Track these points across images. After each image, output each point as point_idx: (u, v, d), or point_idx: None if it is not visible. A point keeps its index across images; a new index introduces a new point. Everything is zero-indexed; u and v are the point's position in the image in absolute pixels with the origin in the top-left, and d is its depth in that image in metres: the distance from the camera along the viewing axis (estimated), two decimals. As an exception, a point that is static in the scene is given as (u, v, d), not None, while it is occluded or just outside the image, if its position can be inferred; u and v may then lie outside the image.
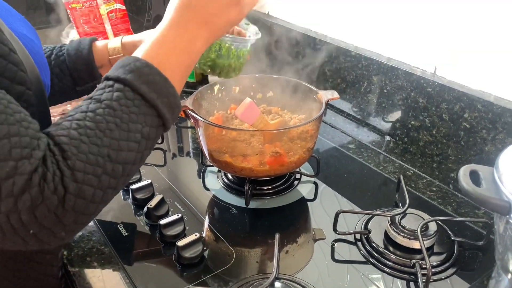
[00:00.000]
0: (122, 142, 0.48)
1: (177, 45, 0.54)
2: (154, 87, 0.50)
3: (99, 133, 0.47)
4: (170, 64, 0.53)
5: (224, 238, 0.76)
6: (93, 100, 0.49)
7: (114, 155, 0.47)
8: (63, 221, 0.45)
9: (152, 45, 0.54)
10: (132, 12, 1.94)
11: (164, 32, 0.55)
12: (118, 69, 0.51)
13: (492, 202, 0.56)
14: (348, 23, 1.07)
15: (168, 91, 0.52)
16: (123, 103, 0.49)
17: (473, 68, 0.84)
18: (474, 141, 0.85)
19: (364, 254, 0.73)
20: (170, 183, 0.90)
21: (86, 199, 0.46)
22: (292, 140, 0.83)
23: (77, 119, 0.48)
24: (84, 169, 0.45)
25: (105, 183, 0.47)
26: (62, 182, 0.44)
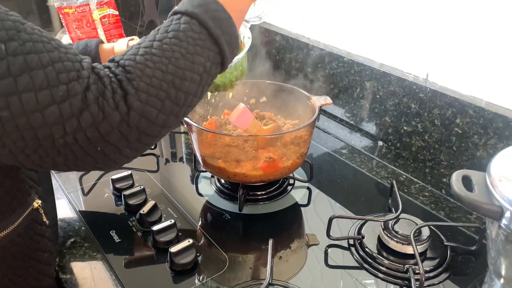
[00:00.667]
0: (186, 71, 0.49)
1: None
2: (220, 23, 0.52)
3: (165, 60, 0.48)
4: (232, 5, 0.54)
5: (218, 244, 0.76)
6: (160, 31, 0.51)
7: (177, 83, 0.48)
8: (128, 137, 0.46)
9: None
10: (125, 18, 1.94)
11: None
12: (185, 3, 0.52)
13: (484, 207, 0.57)
14: (341, 29, 1.07)
15: (231, 29, 0.53)
16: (189, 34, 0.50)
17: (465, 73, 0.85)
18: (466, 146, 0.85)
19: (358, 259, 0.73)
20: (163, 188, 0.90)
21: (150, 120, 0.47)
22: (286, 146, 0.83)
23: (144, 46, 0.49)
24: (148, 90, 0.46)
25: (168, 108, 0.48)
26: (124, 99, 0.45)
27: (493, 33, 0.79)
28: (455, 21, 0.84)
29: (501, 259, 0.61)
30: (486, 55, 0.81)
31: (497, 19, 0.78)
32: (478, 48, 0.82)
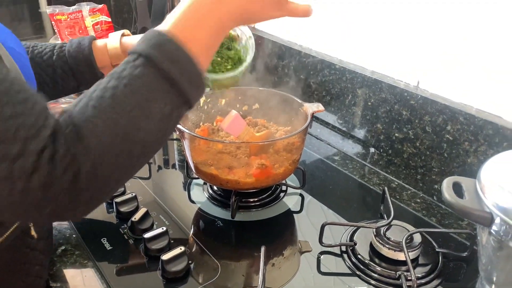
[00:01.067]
0: (141, 122, 0.46)
1: (206, 18, 0.52)
2: (178, 64, 0.48)
3: (117, 111, 0.45)
4: (197, 39, 0.51)
5: (210, 251, 0.75)
6: (114, 77, 0.47)
7: (132, 135, 0.45)
8: (77, 199, 0.44)
9: (180, 17, 0.51)
10: (118, 25, 1.94)
11: (196, 3, 0.52)
12: (141, 43, 0.49)
13: (475, 213, 0.57)
14: (333, 36, 1.08)
15: (192, 69, 0.49)
16: (144, 80, 0.47)
17: (455, 81, 0.86)
18: (457, 153, 0.86)
19: (350, 266, 0.73)
20: (155, 196, 0.90)
21: (102, 179, 0.44)
22: (278, 152, 0.83)
23: (96, 96, 0.46)
24: (99, 149, 0.44)
25: (122, 164, 0.46)
26: (74, 161, 0.42)
27: (483, 41, 0.80)
28: (446, 28, 0.85)
29: (492, 265, 0.61)
30: (476, 62, 0.82)
31: (487, 27, 0.79)
32: (469, 56, 0.83)
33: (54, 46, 0.78)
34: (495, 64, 0.79)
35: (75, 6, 1.37)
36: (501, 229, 0.56)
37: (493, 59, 0.79)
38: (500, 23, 0.77)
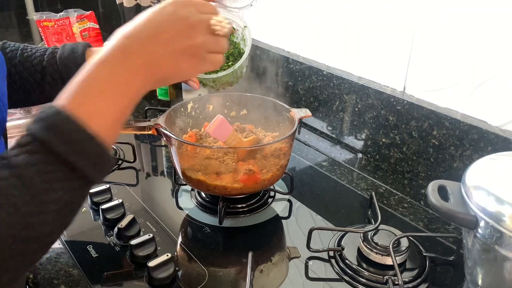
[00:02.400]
0: (35, 217, 0.40)
1: (110, 87, 0.46)
2: (77, 147, 0.42)
3: (6, 210, 0.39)
4: (101, 113, 0.45)
5: (197, 257, 0.75)
6: (6, 164, 0.41)
7: (25, 234, 0.40)
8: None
9: (80, 87, 0.45)
10: (106, 32, 1.94)
11: (95, 70, 0.46)
12: (37, 123, 0.42)
13: (460, 216, 0.57)
14: (320, 43, 1.09)
15: (94, 150, 0.43)
16: (39, 168, 0.41)
17: (441, 86, 0.87)
18: (443, 157, 0.87)
19: (338, 271, 0.73)
20: (142, 202, 0.89)
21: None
22: (266, 158, 0.83)
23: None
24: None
25: (13, 265, 0.40)
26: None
27: (468, 46, 0.81)
28: (431, 34, 0.86)
29: (477, 269, 0.61)
30: (462, 68, 0.83)
31: (472, 33, 0.80)
32: (454, 61, 0.84)
33: (45, 50, 0.74)
34: (480, 69, 0.80)
35: (63, 13, 1.37)
36: (486, 232, 0.56)
37: (478, 65, 0.80)
38: (485, 26, 0.78)
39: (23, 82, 0.73)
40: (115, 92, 0.46)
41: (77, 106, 0.44)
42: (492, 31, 0.77)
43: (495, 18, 0.76)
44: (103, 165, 0.45)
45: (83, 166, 0.43)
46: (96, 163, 0.44)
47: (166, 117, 0.85)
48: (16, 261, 0.41)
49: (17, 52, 0.74)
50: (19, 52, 0.74)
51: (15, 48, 0.74)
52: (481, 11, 0.78)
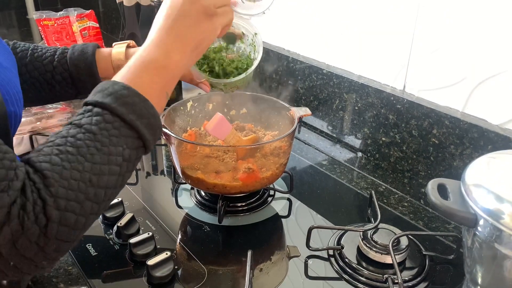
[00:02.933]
0: (103, 166, 0.47)
1: (153, 62, 0.55)
2: (133, 108, 0.50)
3: (80, 158, 0.46)
4: (148, 83, 0.53)
5: (196, 256, 0.75)
6: (73, 125, 0.49)
7: (96, 180, 0.47)
8: (45, 250, 0.44)
9: (130, 67, 0.54)
10: (106, 31, 1.94)
11: (140, 53, 0.56)
12: (96, 94, 0.50)
13: (459, 214, 0.57)
14: (320, 41, 1.09)
15: (148, 111, 0.51)
16: (102, 126, 0.48)
17: (441, 85, 0.87)
18: (443, 156, 0.87)
19: (337, 270, 0.73)
20: (142, 201, 0.89)
21: (69, 226, 0.45)
22: (265, 156, 0.83)
23: (58, 144, 0.47)
24: (67, 195, 0.44)
25: (87, 209, 0.46)
26: (44, 211, 0.43)
27: (468, 45, 0.81)
28: (431, 33, 0.86)
29: (477, 267, 0.61)
30: (462, 66, 0.83)
31: (472, 31, 0.80)
32: (454, 60, 0.84)
33: (55, 50, 0.76)
34: (480, 68, 0.80)
35: (63, 12, 1.36)
36: (485, 230, 0.56)
37: (478, 63, 0.80)
38: (485, 25, 0.78)
39: (34, 82, 0.75)
40: (157, 66, 0.55)
41: (129, 80, 0.52)
42: (492, 29, 0.77)
43: (494, 17, 0.76)
44: (155, 128, 0.52)
45: (140, 125, 0.50)
46: (150, 124, 0.51)
47: (166, 115, 0.85)
48: (89, 206, 0.46)
49: (27, 52, 0.75)
50: (29, 52, 0.75)
51: (25, 48, 0.76)
52: (480, 10, 0.77)
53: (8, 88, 0.54)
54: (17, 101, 0.56)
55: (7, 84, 0.54)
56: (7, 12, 2.10)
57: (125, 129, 0.50)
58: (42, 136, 1.03)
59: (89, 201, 0.46)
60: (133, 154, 0.51)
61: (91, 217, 0.48)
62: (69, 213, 0.45)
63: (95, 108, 0.50)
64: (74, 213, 0.45)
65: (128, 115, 0.49)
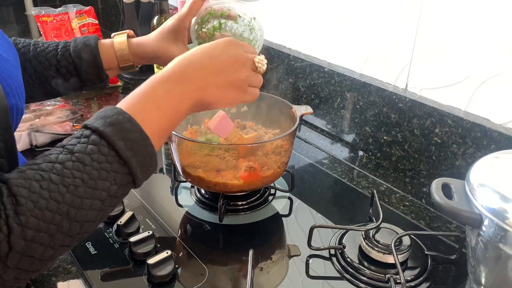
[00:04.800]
0: (85, 200, 0.45)
1: (166, 101, 0.53)
2: (132, 144, 0.48)
3: (62, 188, 0.44)
4: (154, 121, 0.52)
5: (197, 255, 0.74)
6: (65, 150, 0.47)
7: (73, 213, 0.44)
8: (3, 277, 0.42)
9: (140, 98, 0.52)
10: (106, 27, 1.93)
11: (155, 86, 0.54)
12: (98, 119, 0.48)
13: (464, 215, 0.57)
14: (321, 40, 1.08)
15: (146, 150, 0.49)
16: (95, 158, 0.46)
17: (443, 83, 0.86)
18: (445, 155, 0.86)
19: (339, 269, 0.73)
20: (142, 200, 0.88)
21: (34, 257, 0.43)
22: (267, 155, 0.83)
23: (43, 169, 0.45)
24: (37, 226, 0.42)
25: (58, 241, 0.44)
26: (8, 239, 0.41)
27: (471, 43, 0.81)
28: (434, 31, 0.86)
29: (481, 267, 0.61)
30: (465, 65, 0.82)
31: (476, 30, 0.79)
32: (457, 59, 0.83)
33: (57, 44, 0.76)
34: (483, 67, 0.80)
35: (62, 8, 1.35)
36: (490, 230, 0.55)
37: (481, 62, 0.80)
38: (489, 24, 0.77)
39: (38, 76, 0.75)
40: (168, 107, 0.54)
41: (135, 113, 0.50)
42: (495, 28, 0.76)
43: (497, 15, 0.75)
44: (148, 167, 0.51)
45: (133, 163, 0.48)
46: (144, 163, 0.49)
47: (166, 113, 0.84)
48: (59, 239, 0.44)
49: (29, 48, 0.75)
50: (31, 47, 0.75)
51: (26, 44, 0.76)
52: (483, 9, 0.77)
53: (9, 80, 0.53)
54: (18, 94, 0.55)
55: (8, 76, 0.53)
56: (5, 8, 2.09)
57: (118, 164, 0.47)
58: (41, 133, 1.02)
59: (62, 234, 0.44)
60: (119, 190, 0.49)
61: (61, 249, 0.45)
62: (36, 244, 0.42)
63: (92, 135, 0.47)
64: (42, 245, 0.43)
65: (125, 151, 0.47)
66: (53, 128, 1.04)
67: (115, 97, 1.35)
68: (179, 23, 0.76)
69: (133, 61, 0.78)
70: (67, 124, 1.07)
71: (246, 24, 0.76)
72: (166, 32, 0.77)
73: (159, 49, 0.77)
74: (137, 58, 0.78)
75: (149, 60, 0.80)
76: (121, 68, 0.79)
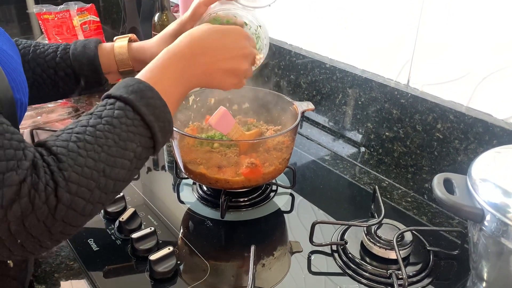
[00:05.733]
0: (117, 158, 0.49)
1: (179, 75, 0.58)
2: (154, 110, 0.52)
3: (97, 147, 0.48)
4: (170, 91, 0.56)
5: (199, 251, 0.74)
6: (94, 116, 0.51)
7: (108, 171, 0.49)
8: (51, 230, 0.45)
9: (157, 70, 0.57)
10: (107, 25, 1.93)
11: (172, 60, 0.58)
12: (120, 88, 0.53)
13: (466, 209, 0.57)
14: (323, 36, 1.08)
15: (165, 116, 0.54)
16: (123, 121, 0.50)
17: (445, 79, 0.86)
18: (447, 151, 0.86)
19: (341, 265, 0.73)
20: (144, 196, 0.88)
21: (77, 211, 0.46)
22: (268, 151, 0.83)
23: (77, 132, 0.49)
24: (79, 181, 0.46)
25: (96, 197, 0.48)
26: (55, 192, 0.45)
27: (473, 39, 0.80)
28: (436, 26, 0.85)
29: (483, 262, 0.61)
30: (467, 60, 0.82)
31: (478, 25, 0.79)
32: (459, 54, 0.83)
33: (57, 47, 0.76)
34: (485, 63, 0.79)
35: (63, 6, 1.36)
36: (492, 225, 0.55)
37: (483, 58, 0.79)
38: (491, 19, 0.77)
39: (36, 78, 0.75)
40: (180, 80, 0.59)
41: (154, 83, 0.54)
42: (497, 23, 0.76)
43: (499, 11, 0.75)
44: (167, 133, 0.55)
45: (156, 128, 0.52)
46: (164, 128, 0.54)
47: (168, 110, 0.84)
48: (98, 194, 0.48)
49: (29, 49, 0.75)
50: (31, 49, 0.75)
51: (27, 45, 0.76)
52: (485, 4, 0.76)
53: (14, 75, 0.54)
54: (22, 89, 0.56)
55: (13, 71, 0.54)
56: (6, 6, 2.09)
57: (143, 128, 0.52)
58: (43, 131, 1.02)
59: (99, 190, 0.48)
60: (143, 153, 0.53)
61: (98, 206, 0.49)
62: (79, 199, 0.46)
63: (117, 102, 0.51)
64: (84, 199, 0.47)
65: (148, 115, 0.52)
66: (55, 125, 1.05)
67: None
68: (181, 28, 0.75)
69: (133, 66, 0.78)
70: (69, 122, 1.07)
71: (253, 32, 0.74)
72: (167, 37, 0.76)
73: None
74: (137, 62, 0.78)
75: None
76: (121, 73, 0.78)
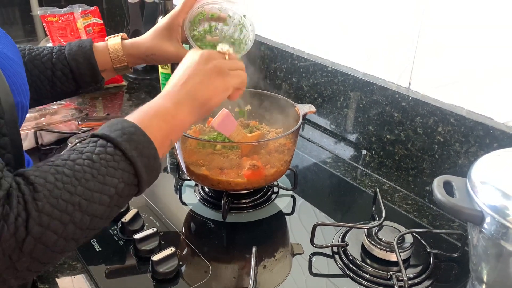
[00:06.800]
0: (95, 193, 0.48)
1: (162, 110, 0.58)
2: (137, 145, 0.52)
3: (75, 181, 0.47)
4: (156, 127, 0.56)
5: (201, 252, 0.75)
6: (76, 151, 0.51)
7: (84, 205, 0.47)
8: (17, 266, 0.44)
9: (141, 112, 0.57)
10: (110, 27, 1.94)
11: (154, 101, 0.60)
12: (104, 128, 0.53)
13: (466, 212, 0.57)
14: (325, 39, 1.09)
15: (149, 152, 0.53)
16: (103, 157, 0.50)
17: (446, 82, 0.87)
18: (448, 154, 0.86)
19: (342, 267, 0.73)
20: (146, 198, 0.89)
21: (47, 246, 0.45)
22: (270, 153, 0.83)
23: (57, 165, 0.48)
24: (52, 213, 0.45)
25: (70, 232, 0.46)
26: (26, 223, 0.43)
27: (474, 42, 0.81)
28: (437, 30, 0.86)
29: (483, 265, 0.61)
30: (467, 64, 0.82)
31: (478, 29, 0.80)
32: (459, 58, 0.83)
33: (52, 48, 0.78)
34: (485, 66, 0.80)
35: (67, 8, 1.37)
36: (491, 227, 0.56)
37: (483, 61, 0.80)
38: (492, 22, 0.78)
39: (34, 80, 0.76)
40: (167, 114, 0.58)
41: (138, 121, 0.54)
42: (498, 27, 0.76)
43: (500, 14, 0.76)
44: (152, 170, 0.54)
45: (139, 163, 0.52)
46: (149, 164, 0.53)
47: (170, 112, 0.84)
48: (71, 230, 0.46)
49: (24, 52, 0.77)
50: (26, 52, 0.77)
51: (22, 49, 0.77)
52: (486, 8, 0.77)
53: (14, 79, 0.55)
54: (23, 92, 0.56)
55: (13, 75, 0.55)
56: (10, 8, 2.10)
57: (125, 163, 0.51)
58: (47, 132, 1.03)
59: (73, 225, 0.47)
60: (126, 190, 0.52)
61: (71, 242, 0.47)
62: (50, 232, 0.45)
63: (100, 140, 0.52)
64: (56, 234, 0.45)
65: (130, 151, 0.51)
66: (58, 127, 1.06)
67: (120, 96, 1.36)
68: (173, 21, 0.79)
69: (128, 61, 0.81)
70: (73, 123, 1.08)
71: (236, 23, 0.78)
72: (160, 30, 0.80)
73: (154, 47, 0.80)
74: (132, 57, 0.81)
75: (143, 58, 0.82)
76: (116, 69, 0.81)
